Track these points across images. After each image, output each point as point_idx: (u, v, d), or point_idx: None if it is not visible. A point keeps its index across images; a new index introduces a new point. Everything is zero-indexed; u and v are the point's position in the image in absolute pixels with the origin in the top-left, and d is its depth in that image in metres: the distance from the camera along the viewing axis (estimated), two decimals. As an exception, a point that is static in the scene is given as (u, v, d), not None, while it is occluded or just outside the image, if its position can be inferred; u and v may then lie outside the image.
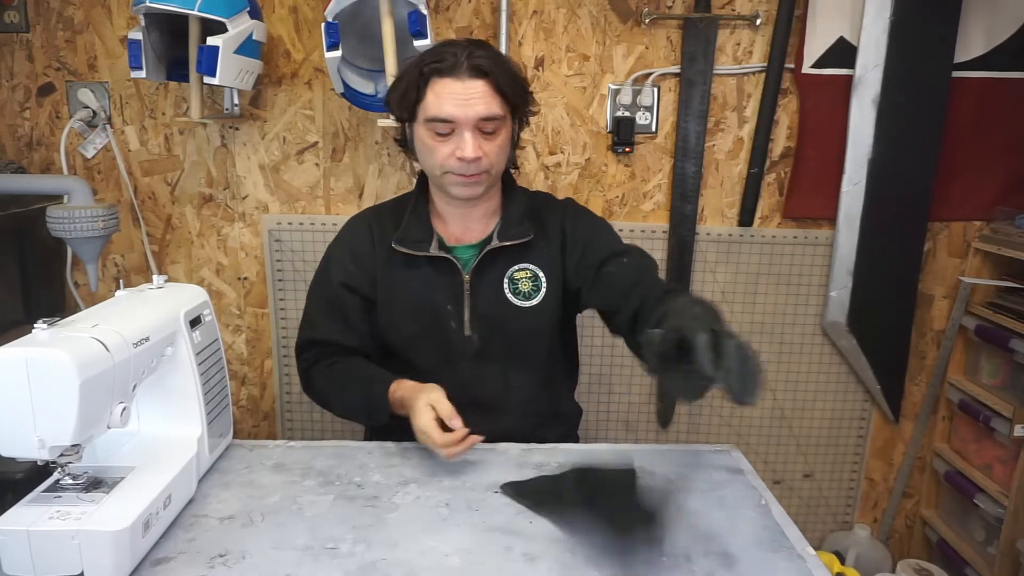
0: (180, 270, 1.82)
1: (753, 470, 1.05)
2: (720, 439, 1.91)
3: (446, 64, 1.03)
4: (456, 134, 1.05)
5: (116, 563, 0.74)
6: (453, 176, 1.08)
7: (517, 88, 1.08)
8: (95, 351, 0.75)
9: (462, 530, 0.87)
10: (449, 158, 1.06)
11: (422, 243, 1.14)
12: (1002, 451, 1.70)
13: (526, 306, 1.15)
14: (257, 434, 1.94)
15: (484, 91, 1.03)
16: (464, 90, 1.02)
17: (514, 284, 1.15)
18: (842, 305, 1.80)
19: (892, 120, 1.68)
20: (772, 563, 0.82)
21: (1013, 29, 1.67)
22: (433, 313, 1.15)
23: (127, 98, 1.71)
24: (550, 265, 1.16)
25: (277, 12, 1.66)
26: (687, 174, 1.74)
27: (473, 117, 1.03)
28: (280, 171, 1.76)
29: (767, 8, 1.67)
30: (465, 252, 1.16)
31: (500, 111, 1.05)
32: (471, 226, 1.18)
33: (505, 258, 1.14)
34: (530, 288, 1.15)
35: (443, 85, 1.03)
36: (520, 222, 1.15)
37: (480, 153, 1.04)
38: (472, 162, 1.05)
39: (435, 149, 1.07)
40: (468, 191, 1.10)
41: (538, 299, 1.15)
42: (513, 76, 1.07)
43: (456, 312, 1.14)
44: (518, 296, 1.15)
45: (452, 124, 1.04)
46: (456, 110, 1.02)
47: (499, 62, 1.05)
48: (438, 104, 1.03)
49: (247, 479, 0.98)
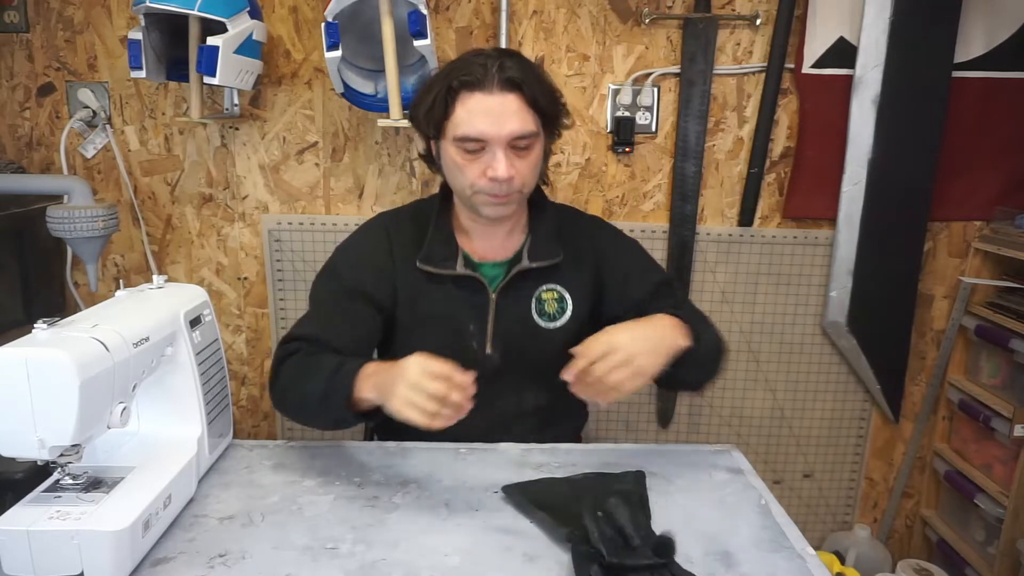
0: (180, 270, 1.82)
1: (753, 470, 1.05)
2: (720, 439, 1.91)
3: (475, 77, 0.96)
4: (487, 152, 0.99)
5: (116, 563, 0.74)
6: (483, 196, 1.02)
7: (551, 100, 1.02)
8: (95, 351, 0.75)
9: (462, 530, 0.87)
10: (480, 177, 1.00)
11: (448, 261, 1.08)
12: (1002, 451, 1.70)
13: (551, 327, 1.11)
14: (257, 434, 1.94)
15: (517, 106, 0.97)
16: (496, 105, 0.96)
17: (541, 304, 1.11)
18: (842, 305, 1.80)
19: (892, 120, 1.68)
20: (772, 563, 0.82)
21: (1013, 29, 1.67)
22: (455, 332, 1.10)
23: (127, 98, 1.71)
24: (578, 287, 1.13)
25: (277, 12, 1.66)
26: (687, 174, 1.74)
27: (507, 135, 0.97)
28: (280, 171, 1.76)
29: (767, 8, 1.67)
30: (491, 270, 1.11)
31: (534, 127, 1.00)
32: (497, 243, 1.13)
33: (534, 278, 1.11)
34: (555, 309, 1.12)
35: (474, 100, 0.97)
36: (549, 241, 1.11)
37: (513, 172, 0.99)
38: (505, 182, 0.99)
39: (464, 168, 1.01)
40: (499, 211, 1.05)
41: (563, 320, 1.12)
42: (547, 88, 1.02)
43: (479, 331, 1.10)
44: (543, 317, 1.11)
45: (483, 142, 0.98)
46: (488, 128, 0.97)
47: (531, 73, 1.00)
48: (469, 121, 0.97)
49: (247, 479, 0.98)
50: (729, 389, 1.90)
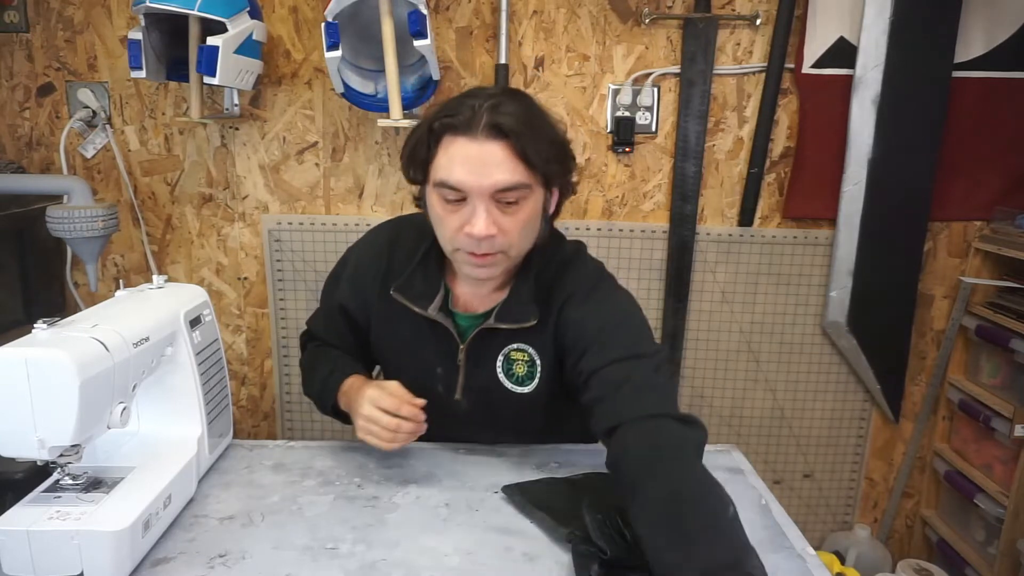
0: (180, 270, 1.82)
1: (753, 470, 1.05)
2: (720, 439, 1.91)
3: (460, 119, 0.86)
4: (469, 204, 0.88)
5: (116, 563, 0.73)
6: (463, 254, 0.92)
7: (550, 153, 0.90)
8: (95, 351, 0.75)
9: (462, 530, 0.87)
10: (459, 232, 0.90)
11: (423, 300, 0.99)
12: (1002, 451, 1.70)
13: (518, 391, 1.01)
14: (257, 434, 1.94)
15: (503, 156, 0.86)
16: (479, 153, 0.86)
17: (509, 365, 1.01)
18: (842, 305, 1.80)
19: (892, 120, 1.68)
20: (772, 563, 0.81)
21: (1013, 29, 1.67)
22: (423, 373, 1.04)
23: (127, 98, 1.71)
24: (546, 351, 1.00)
25: (277, 12, 1.66)
26: (687, 174, 1.74)
27: (489, 187, 0.86)
28: (280, 171, 1.76)
29: (767, 8, 1.67)
30: (466, 320, 1.02)
31: (524, 179, 0.88)
32: (483, 292, 1.02)
33: (504, 337, 1.00)
34: (525, 373, 1.01)
35: (456, 146, 0.87)
36: (526, 302, 0.98)
37: (494, 231, 0.88)
38: (484, 240, 0.88)
39: (444, 220, 0.91)
40: (480, 272, 0.94)
41: (532, 386, 1.01)
42: (546, 137, 0.90)
43: (446, 376, 1.03)
44: (511, 379, 1.01)
45: (463, 193, 0.88)
46: (467, 177, 0.86)
47: (528, 120, 0.88)
48: (448, 168, 0.87)
49: (247, 479, 0.98)
50: (729, 389, 1.90)
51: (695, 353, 1.87)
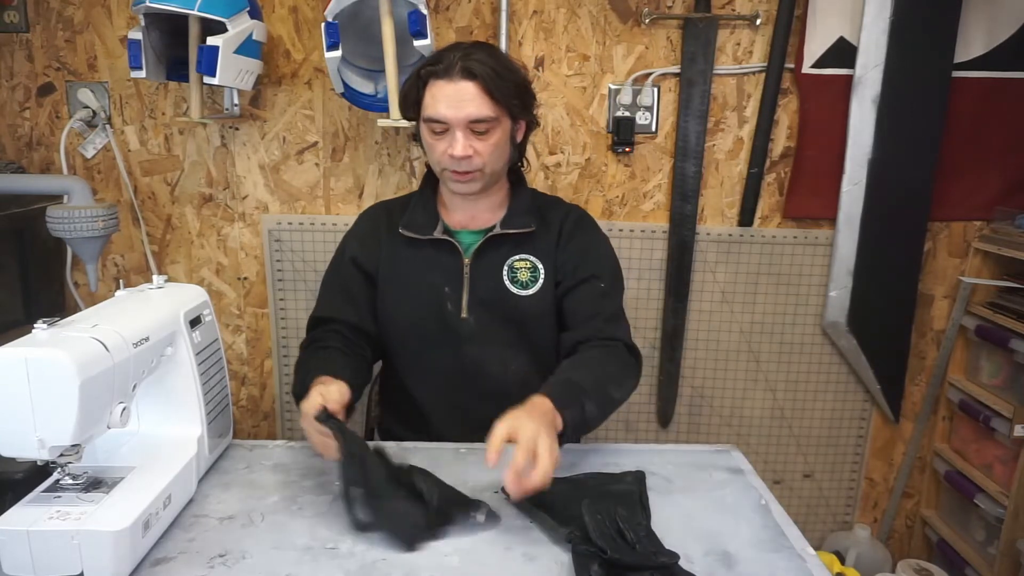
0: (180, 270, 1.82)
1: (753, 470, 1.05)
2: (720, 439, 1.91)
3: (441, 67, 1.09)
4: (450, 133, 1.10)
5: (116, 563, 0.73)
6: (449, 173, 1.14)
7: (512, 91, 1.11)
8: (95, 351, 0.75)
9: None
10: (444, 155, 1.12)
11: (427, 227, 1.19)
12: (1002, 451, 1.70)
13: (523, 295, 1.18)
14: (257, 434, 1.94)
15: (474, 93, 1.07)
16: (455, 92, 1.08)
17: (513, 272, 1.19)
18: (842, 305, 1.80)
19: (892, 120, 1.68)
20: (772, 563, 0.82)
21: (1013, 29, 1.67)
22: (431, 294, 1.18)
23: (127, 98, 1.72)
24: (548, 257, 1.20)
25: (277, 12, 1.66)
26: (687, 174, 1.74)
27: (464, 118, 1.08)
28: (280, 171, 1.76)
29: (767, 8, 1.67)
30: (468, 237, 1.20)
31: (491, 112, 1.09)
32: (477, 215, 1.22)
33: (507, 247, 1.19)
34: (528, 278, 1.19)
35: (437, 87, 1.09)
36: (524, 214, 1.20)
37: (470, 152, 1.10)
38: (463, 160, 1.10)
39: (433, 147, 1.14)
40: (463, 188, 1.16)
41: (535, 289, 1.19)
42: (509, 79, 1.10)
43: (454, 294, 1.18)
44: (516, 284, 1.18)
45: (445, 124, 1.09)
46: (447, 111, 1.08)
47: (493, 65, 1.09)
48: (433, 105, 1.10)
49: (247, 479, 0.98)
50: (729, 389, 1.90)
51: (695, 353, 1.87)
